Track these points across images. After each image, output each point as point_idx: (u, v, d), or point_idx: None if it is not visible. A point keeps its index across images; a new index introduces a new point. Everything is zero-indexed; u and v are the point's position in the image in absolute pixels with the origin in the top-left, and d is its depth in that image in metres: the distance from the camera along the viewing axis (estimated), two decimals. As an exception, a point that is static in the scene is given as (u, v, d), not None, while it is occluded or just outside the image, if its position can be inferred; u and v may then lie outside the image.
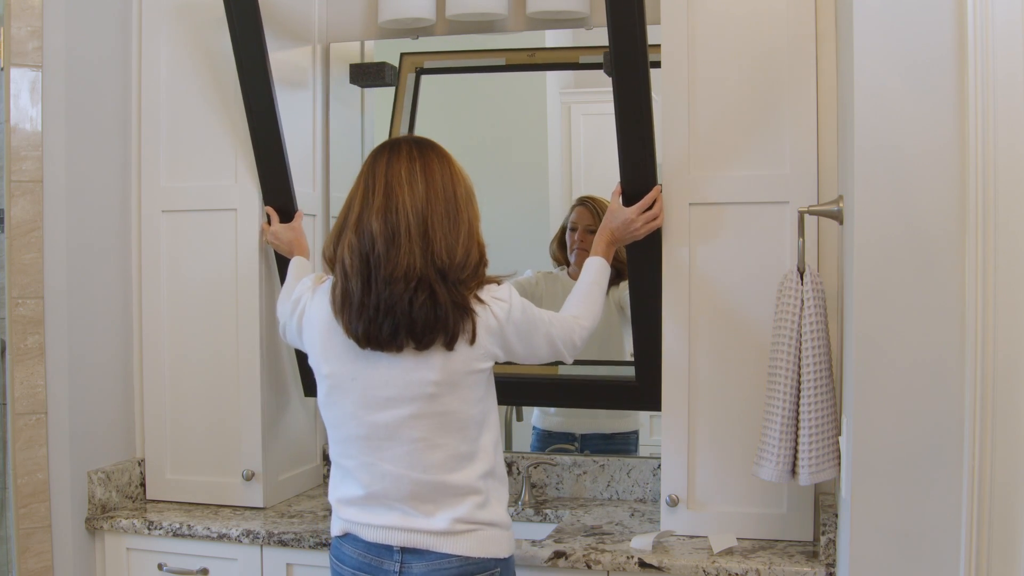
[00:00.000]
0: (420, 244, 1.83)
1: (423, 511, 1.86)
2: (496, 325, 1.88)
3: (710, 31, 2.25)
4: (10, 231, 2.45)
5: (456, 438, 1.87)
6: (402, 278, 1.81)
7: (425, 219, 1.84)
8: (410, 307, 1.81)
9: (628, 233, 2.23)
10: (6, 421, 2.52)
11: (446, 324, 1.83)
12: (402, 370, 1.85)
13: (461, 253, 1.86)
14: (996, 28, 1.50)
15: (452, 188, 1.89)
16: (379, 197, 1.86)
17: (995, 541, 1.52)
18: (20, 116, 2.45)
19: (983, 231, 1.51)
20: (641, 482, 2.64)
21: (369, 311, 1.83)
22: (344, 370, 1.89)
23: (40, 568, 2.47)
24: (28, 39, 2.44)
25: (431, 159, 1.91)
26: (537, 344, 1.98)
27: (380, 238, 1.83)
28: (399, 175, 1.87)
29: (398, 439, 1.87)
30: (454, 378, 1.85)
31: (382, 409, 1.86)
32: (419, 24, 2.74)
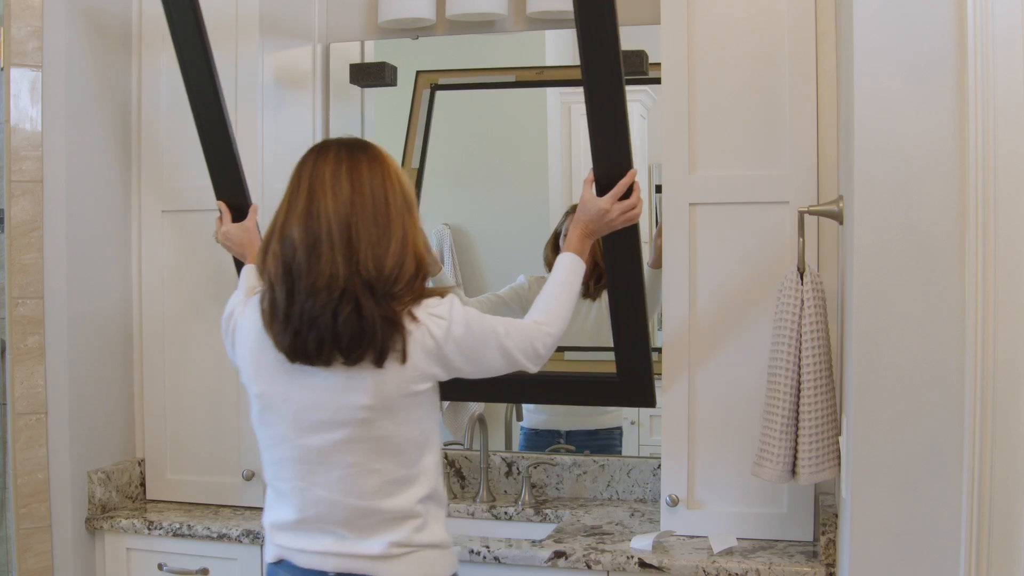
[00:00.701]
0: (343, 252, 1.69)
1: (358, 535, 1.77)
2: (433, 345, 1.74)
3: (710, 31, 2.25)
4: (10, 231, 2.45)
5: (393, 463, 1.76)
6: (324, 289, 1.69)
7: (349, 225, 1.70)
8: (334, 320, 1.68)
9: (603, 225, 2.06)
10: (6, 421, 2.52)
11: (374, 339, 1.69)
12: (333, 392, 1.74)
13: (392, 264, 1.71)
14: (996, 28, 1.50)
15: (383, 193, 1.74)
16: (301, 201, 1.73)
17: (995, 541, 1.52)
18: (20, 116, 2.45)
19: (983, 231, 1.51)
20: (641, 482, 2.65)
21: (294, 323, 1.71)
22: (275, 390, 1.78)
23: (40, 568, 2.47)
24: (28, 39, 2.44)
25: (360, 161, 1.76)
26: (488, 359, 1.83)
27: (301, 245, 1.70)
28: (323, 178, 1.74)
29: (331, 464, 1.76)
30: (388, 402, 1.74)
31: (314, 432, 1.76)
32: (419, 24, 2.74)
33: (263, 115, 2.56)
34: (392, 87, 2.85)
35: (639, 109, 2.78)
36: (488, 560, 2.20)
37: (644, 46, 2.59)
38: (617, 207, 2.05)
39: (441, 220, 2.91)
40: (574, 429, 2.79)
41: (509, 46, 2.80)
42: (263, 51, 2.56)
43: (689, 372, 2.27)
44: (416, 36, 2.79)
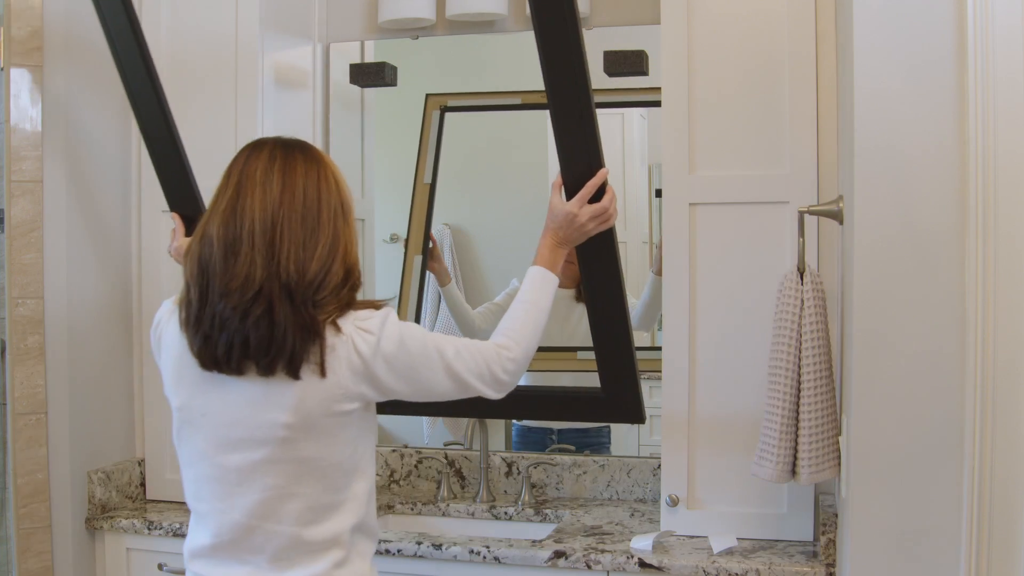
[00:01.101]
0: (263, 253, 1.57)
1: (275, 566, 1.64)
2: (359, 362, 1.60)
3: (710, 31, 2.25)
4: (10, 231, 2.45)
5: (316, 487, 1.63)
6: (237, 290, 1.56)
7: (274, 225, 1.58)
8: (242, 323, 1.56)
9: (575, 231, 1.90)
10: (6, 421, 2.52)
11: (284, 346, 1.56)
12: (252, 407, 1.61)
13: (316, 269, 1.59)
14: (996, 28, 1.50)
15: (316, 194, 1.63)
16: (226, 199, 1.62)
17: (995, 541, 1.52)
18: (20, 116, 2.45)
19: (983, 231, 1.51)
20: (641, 482, 2.65)
21: (205, 326, 1.59)
22: (195, 403, 1.66)
23: (40, 568, 2.47)
24: (28, 39, 2.44)
25: (295, 160, 1.64)
26: (431, 381, 1.67)
27: (219, 244, 1.59)
28: (253, 175, 1.62)
29: (251, 485, 1.62)
30: (310, 421, 1.60)
31: (233, 451, 1.63)
32: (419, 24, 2.74)
33: (263, 115, 2.56)
34: (392, 87, 2.85)
35: (639, 109, 2.78)
36: (488, 560, 2.20)
37: (644, 46, 2.59)
38: (587, 211, 1.90)
39: (441, 220, 2.91)
40: (565, 428, 2.81)
41: (509, 46, 2.80)
42: (263, 51, 2.56)
43: (689, 372, 2.27)
44: (416, 36, 2.79)
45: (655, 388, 2.65)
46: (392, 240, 2.97)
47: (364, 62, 2.84)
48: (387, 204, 2.99)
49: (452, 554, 2.22)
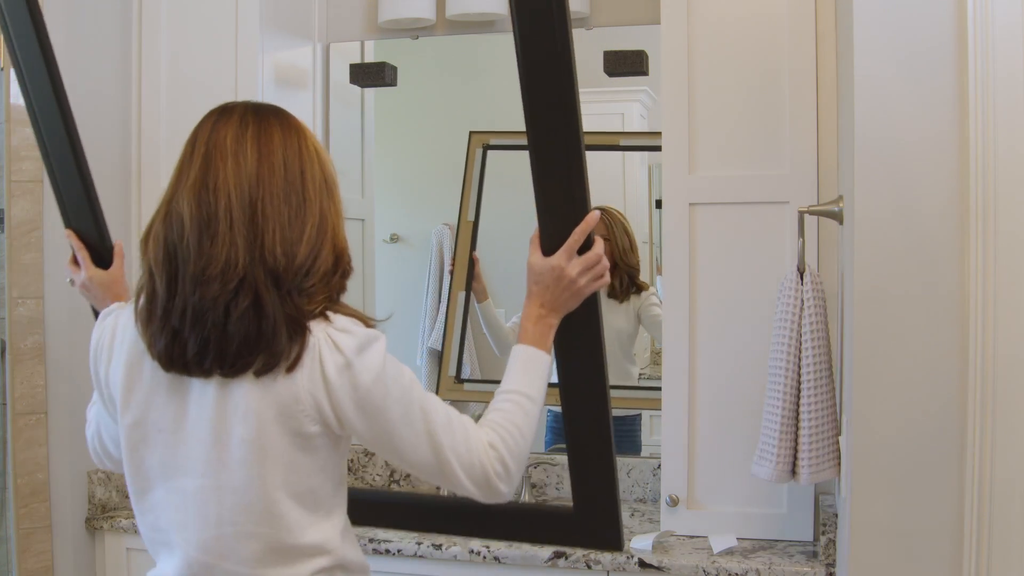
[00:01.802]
0: (245, 234, 1.35)
1: None
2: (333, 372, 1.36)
3: (710, 31, 2.25)
4: (10, 231, 2.45)
5: (276, 525, 1.39)
6: (218, 277, 1.33)
7: (254, 201, 1.36)
8: (226, 317, 1.33)
9: (564, 291, 1.58)
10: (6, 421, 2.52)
11: (269, 344, 1.34)
12: (209, 422, 1.39)
13: (305, 252, 1.37)
14: (996, 28, 1.50)
15: (299, 167, 1.40)
16: (195, 171, 1.38)
17: (995, 541, 1.52)
18: (20, 116, 2.45)
19: (984, 231, 1.51)
20: (641, 482, 2.64)
21: (174, 321, 1.35)
22: (150, 416, 1.43)
23: (40, 568, 2.47)
24: (28, 39, 2.44)
25: (271, 126, 1.41)
26: (407, 443, 1.41)
27: (191, 224, 1.35)
28: (223, 143, 1.38)
29: (207, 518, 1.40)
30: (266, 440, 1.36)
31: (188, 473, 1.41)
32: (419, 24, 2.74)
33: (263, 115, 2.56)
34: (392, 87, 2.85)
35: (639, 109, 2.78)
36: (488, 560, 2.20)
37: (644, 46, 2.59)
38: (577, 263, 1.58)
39: (441, 220, 2.91)
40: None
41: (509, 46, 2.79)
42: (263, 51, 2.56)
43: (689, 372, 2.27)
44: (416, 36, 2.79)
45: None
46: (392, 240, 2.97)
47: (364, 62, 2.84)
48: (387, 204, 2.99)
49: (452, 554, 2.22)
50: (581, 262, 1.58)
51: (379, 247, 2.96)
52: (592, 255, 1.59)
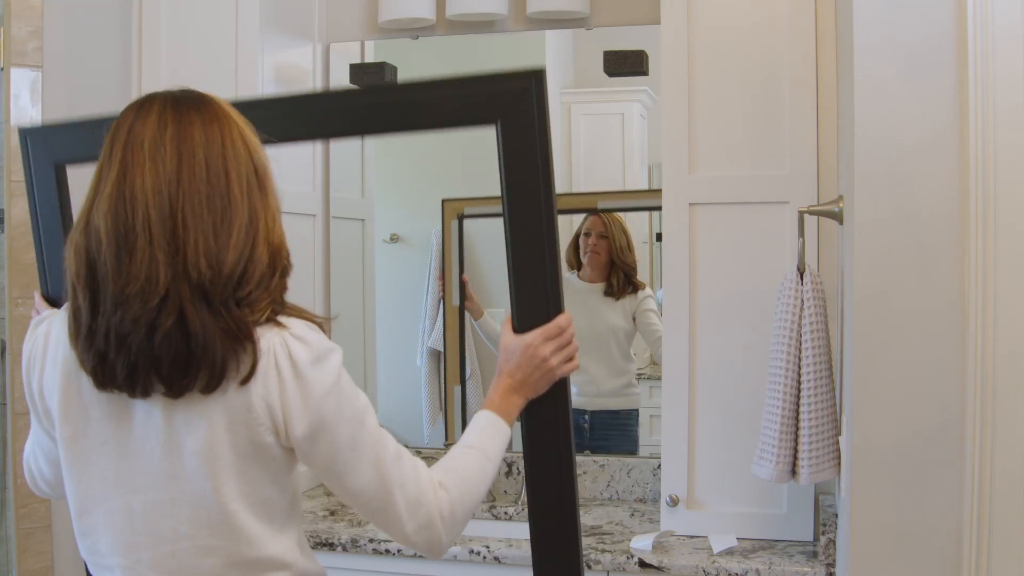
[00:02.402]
0: (165, 248, 1.25)
1: None
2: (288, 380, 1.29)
3: (710, 31, 2.25)
4: (10, 231, 2.46)
5: (234, 538, 1.32)
6: (138, 296, 1.24)
7: (174, 211, 1.26)
8: (150, 339, 1.24)
9: (535, 369, 1.52)
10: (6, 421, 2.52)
11: (205, 361, 1.25)
12: (158, 433, 1.31)
13: (234, 260, 1.27)
14: (996, 27, 1.50)
15: (222, 164, 1.30)
16: (111, 178, 1.28)
17: (995, 541, 1.52)
18: (20, 116, 2.45)
19: (984, 231, 1.51)
20: (641, 482, 2.64)
21: (99, 342, 1.26)
22: (89, 431, 1.34)
23: (40, 568, 2.47)
24: (28, 39, 2.45)
25: (191, 123, 1.30)
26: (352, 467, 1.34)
27: (108, 239, 1.26)
28: (140, 146, 1.28)
29: (160, 535, 1.33)
30: (219, 449, 1.29)
31: (138, 490, 1.33)
32: (419, 24, 2.74)
33: (263, 115, 2.56)
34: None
35: (639, 109, 2.79)
36: (488, 560, 2.20)
37: (644, 46, 2.59)
38: (550, 345, 1.53)
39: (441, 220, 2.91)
40: (599, 410, 2.86)
41: (509, 46, 2.80)
42: (263, 51, 2.56)
43: (689, 372, 2.27)
44: (416, 36, 2.79)
45: (655, 388, 2.66)
46: (392, 240, 2.97)
47: (364, 62, 2.84)
48: (387, 204, 2.99)
49: (452, 554, 2.22)
50: (555, 342, 1.54)
51: (379, 247, 2.96)
52: (566, 336, 1.55)
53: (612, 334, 2.84)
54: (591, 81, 2.78)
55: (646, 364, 2.82)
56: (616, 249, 2.84)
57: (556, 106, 2.85)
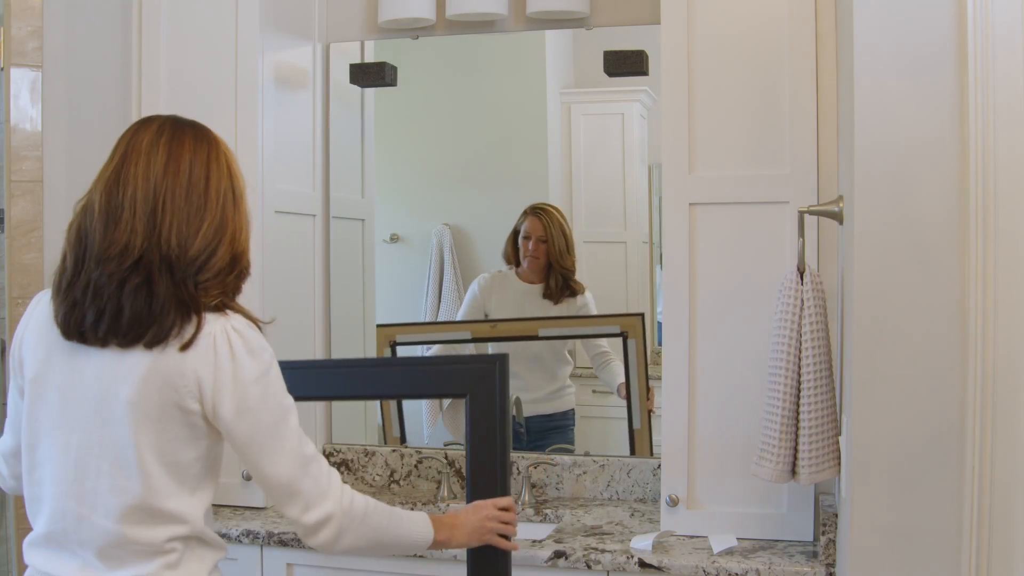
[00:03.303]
0: (144, 222, 1.52)
1: (104, 564, 1.55)
2: (223, 361, 1.52)
3: (710, 31, 2.25)
4: (10, 231, 2.46)
5: (143, 485, 1.53)
6: (115, 258, 1.51)
7: (157, 195, 1.54)
8: (120, 291, 1.50)
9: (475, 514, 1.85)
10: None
11: (158, 320, 1.50)
12: (100, 381, 1.54)
13: (199, 247, 1.54)
14: (996, 28, 1.50)
15: (203, 173, 1.58)
16: (111, 167, 1.58)
17: (995, 541, 1.52)
18: (20, 116, 2.45)
19: (984, 231, 1.51)
20: (641, 482, 2.64)
21: (76, 293, 1.52)
22: (48, 374, 1.58)
23: (40, 568, 2.47)
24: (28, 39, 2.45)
25: (185, 137, 1.60)
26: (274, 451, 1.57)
27: (101, 212, 1.54)
28: (139, 145, 1.58)
29: (86, 471, 1.55)
30: (151, 403, 1.52)
31: (76, 428, 1.55)
32: (419, 24, 2.74)
33: (263, 115, 2.56)
34: (392, 87, 2.86)
35: (639, 109, 2.79)
36: (488, 560, 2.20)
37: (644, 46, 2.59)
38: (492, 506, 1.87)
39: (441, 220, 2.91)
40: (532, 415, 2.88)
41: (509, 46, 2.80)
42: (263, 51, 2.56)
43: (689, 372, 2.27)
44: (416, 36, 2.79)
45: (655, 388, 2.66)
46: (392, 240, 2.97)
47: (364, 62, 2.84)
48: (387, 204, 2.99)
49: (452, 554, 2.22)
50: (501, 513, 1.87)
51: (379, 247, 2.96)
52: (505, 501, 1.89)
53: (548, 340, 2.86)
54: (591, 81, 2.78)
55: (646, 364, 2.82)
56: (555, 252, 2.83)
57: (556, 106, 2.85)
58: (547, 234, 2.82)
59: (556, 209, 2.83)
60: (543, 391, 2.89)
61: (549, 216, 2.83)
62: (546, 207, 2.83)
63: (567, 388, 2.89)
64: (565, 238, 2.83)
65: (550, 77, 2.85)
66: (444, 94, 2.93)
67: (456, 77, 2.91)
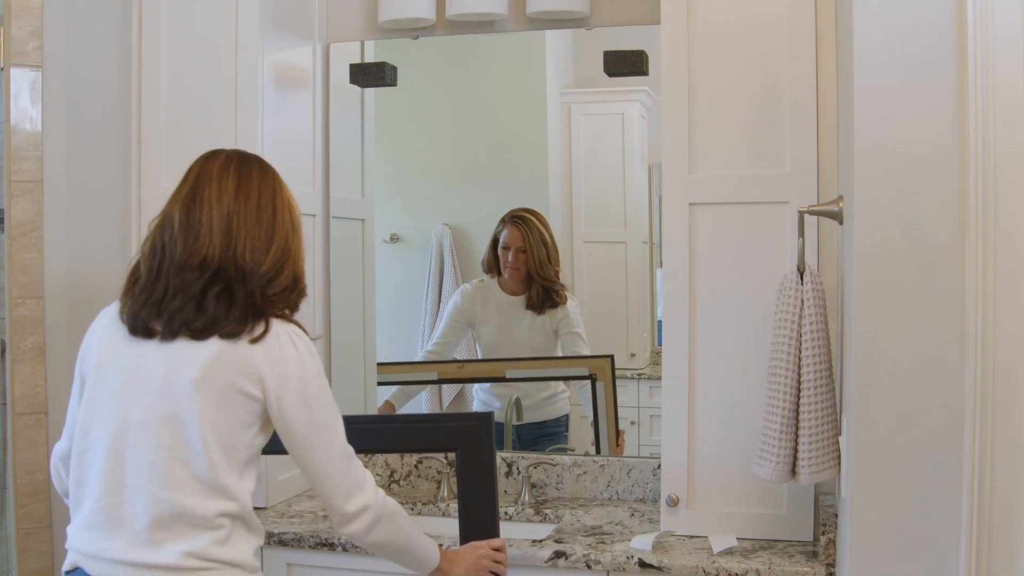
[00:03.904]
0: (221, 238, 1.70)
1: (154, 536, 1.64)
2: (290, 358, 1.70)
3: (710, 31, 2.25)
4: (10, 231, 2.46)
5: (200, 459, 1.66)
6: (197, 267, 1.68)
7: (230, 215, 1.72)
8: (202, 295, 1.67)
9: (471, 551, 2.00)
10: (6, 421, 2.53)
11: (237, 319, 1.68)
12: (166, 364, 1.68)
13: (269, 264, 1.72)
14: (996, 28, 1.50)
15: (271, 200, 1.76)
16: (186, 189, 1.75)
17: (995, 541, 1.52)
18: (20, 116, 2.45)
19: (983, 231, 1.51)
20: (641, 482, 2.65)
21: (155, 295, 1.69)
22: (113, 359, 1.72)
23: (40, 568, 2.47)
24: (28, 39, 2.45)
25: (251, 167, 1.79)
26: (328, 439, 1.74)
27: (180, 227, 1.71)
28: (210, 171, 1.76)
29: (145, 443, 1.67)
30: (215, 384, 1.66)
31: (137, 405, 1.68)
32: (419, 24, 2.74)
33: (263, 115, 2.56)
34: (392, 87, 2.86)
35: (639, 109, 2.79)
36: (488, 560, 2.20)
37: (644, 46, 2.59)
38: (487, 546, 2.02)
39: (441, 220, 2.91)
40: (523, 423, 2.86)
41: (509, 46, 2.80)
42: (263, 51, 2.56)
43: (689, 372, 2.27)
44: (416, 36, 2.79)
45: (655, 388, 2.66)
46: (392, 240, 2.97)
47: (364, 62, 2.84)
48: (387, 204, 2.99)
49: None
50: (494, 553, 2.02)
51: (379, 247, 2.96)
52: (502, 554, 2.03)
53: (532, 350, 2.83)
54: (591, 81, 2.78)
55: (646, 364, 2.82)
56: (534, 264, 2.79)
57: (556, 106, 2.85)
58: (526, 244, 2.78)
59: (536, 216, 2.79)
60: (534, 398, 2.88)
61: (528, 225, 2.78)
62: (525, 214, 2.79)
63: (560, 394, 2.87)
64: (546, 246, 2.78)
65: (550, 77, 2.85)
66: (444, 94, 2.93)
67: (456, 77, 2.91)
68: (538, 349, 2.83)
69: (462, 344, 2.91)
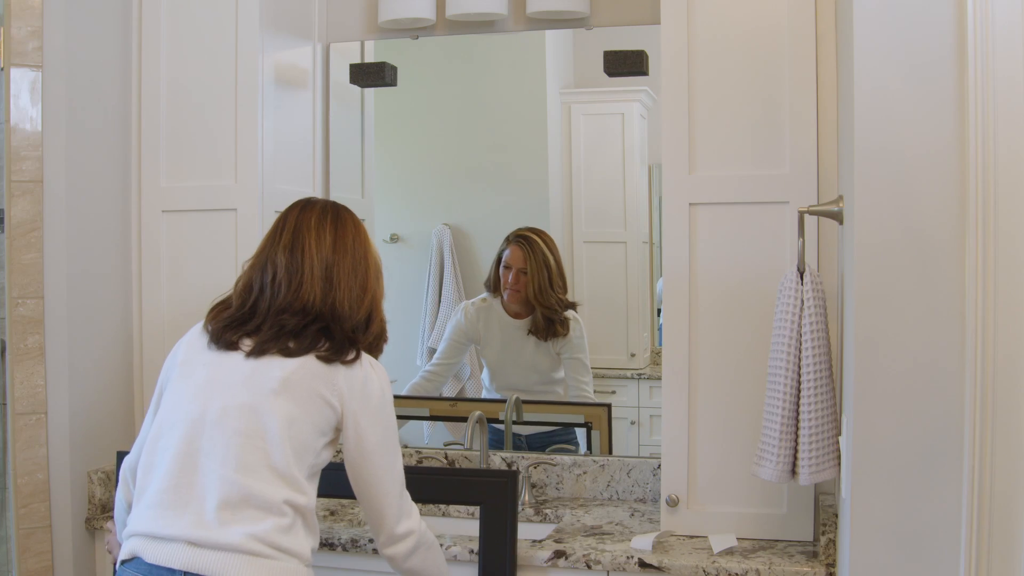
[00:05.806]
0: (322, 288, 1.85)
1: (219, 518, 1.70)
2: (372, 384, 1.84)
3: (710, 31, 2.25)
4: (10, 231, 2.45)
5: (275, 449, 1.75)
6: (300, 311, 1.83)
7: (330, 266, 1.87)
8: (302, 330, 1.82)
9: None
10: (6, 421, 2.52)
11: (336, 350, 1.82)
12: (253, 366, 1.80)
13: (363, 314, 1.88)
14: (996, 28, 1.50)
15: (363, 251, 1.92)
16: (287, 236, 1.89)
17: (995, 541, 1.52)
18: (20, 116, 2.45)
19: (983, 231, 1.51)
20: (641, 482, 2.65)
21: (249, 327, 1.83)
22: (200, 357, 1.85)
23: (40, 568, 2.47)
24: (28, 39, 2.44)
25: (346, 219, 1.93)
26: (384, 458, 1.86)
27: (284, 272, 1.85)
28: (308, 222, 1.90)
29: (222, 427, 1.76)
30: (298, 384, 1.78)
31: (218, 395, 1.78)
32: (419, 24, 2.74)
33: (263, 115, 2.56)
34: (392, 87, 2.86)
35: (639, 109, 2.79)
36: (488, 560, 2.20)
37: (644, 46, 2.59)
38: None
39: (441, 220, 2.91)
40: (532, 433, 2.83)
41: (509, 46, 2.80)
42: (263, 51, 2.56)
43: (689, 372, 2.27)
44: (416, 36, 2.79)
45: (655, 388, 2.66)
46: (392, 240, 2.97)
47: (364, 62, 2.84)
48: (387, 204, 2.99)
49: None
50: None
51: (379, 247, 2.96)
52: None
53: (536, 372, 2.80)
54: (591, 81, 2.78)
55: (645, 364, 2.82)
56: (534, 289, 2.71)
57: (556, 106, 2.85)
58: (527, 265, 2.72)
59: (542, 236, 2.73)
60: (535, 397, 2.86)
61: (532, 245, 2.72)
62: (530, 234, 2.74)
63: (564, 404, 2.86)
64: (549, 270, 2.71)
65: (550, 77, 2.85)
66: (444, 94, 2.93)
67: (456, 77, 2.91)
68: (543, 371, 2.80)
69: (463, 363, 2.91)
